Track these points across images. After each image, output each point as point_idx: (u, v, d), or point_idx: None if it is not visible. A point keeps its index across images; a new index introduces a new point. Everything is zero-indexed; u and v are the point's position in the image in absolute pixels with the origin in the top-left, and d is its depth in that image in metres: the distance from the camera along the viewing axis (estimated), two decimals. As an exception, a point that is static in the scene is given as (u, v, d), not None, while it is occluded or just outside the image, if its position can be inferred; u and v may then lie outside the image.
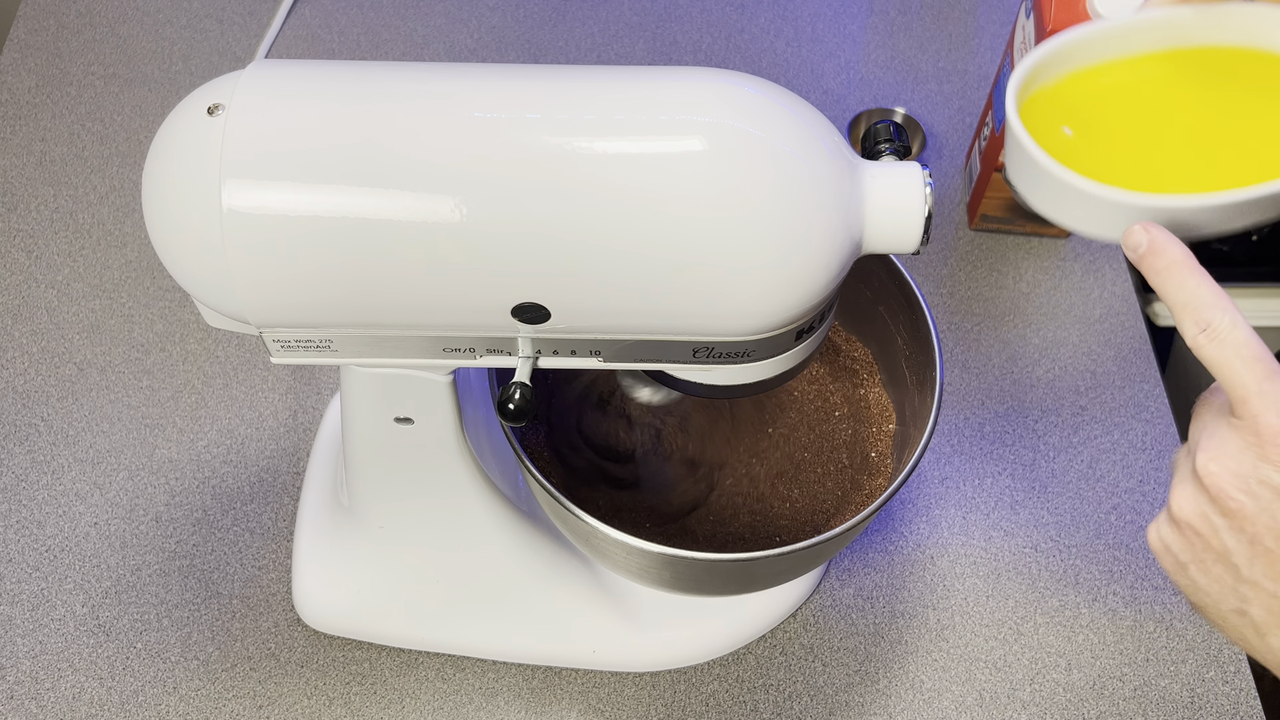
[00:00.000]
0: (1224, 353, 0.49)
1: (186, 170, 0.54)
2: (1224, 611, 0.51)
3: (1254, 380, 0.48)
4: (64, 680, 0.84)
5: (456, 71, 0.57)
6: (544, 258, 0.54)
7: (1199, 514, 0.50)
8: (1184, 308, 0.50)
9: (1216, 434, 0.50)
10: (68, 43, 1.20)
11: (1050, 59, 0.60)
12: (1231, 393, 0.49)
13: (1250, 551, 0.48)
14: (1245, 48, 0.61)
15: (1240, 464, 0.48)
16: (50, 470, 0.93)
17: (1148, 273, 0.51)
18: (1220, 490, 0.49)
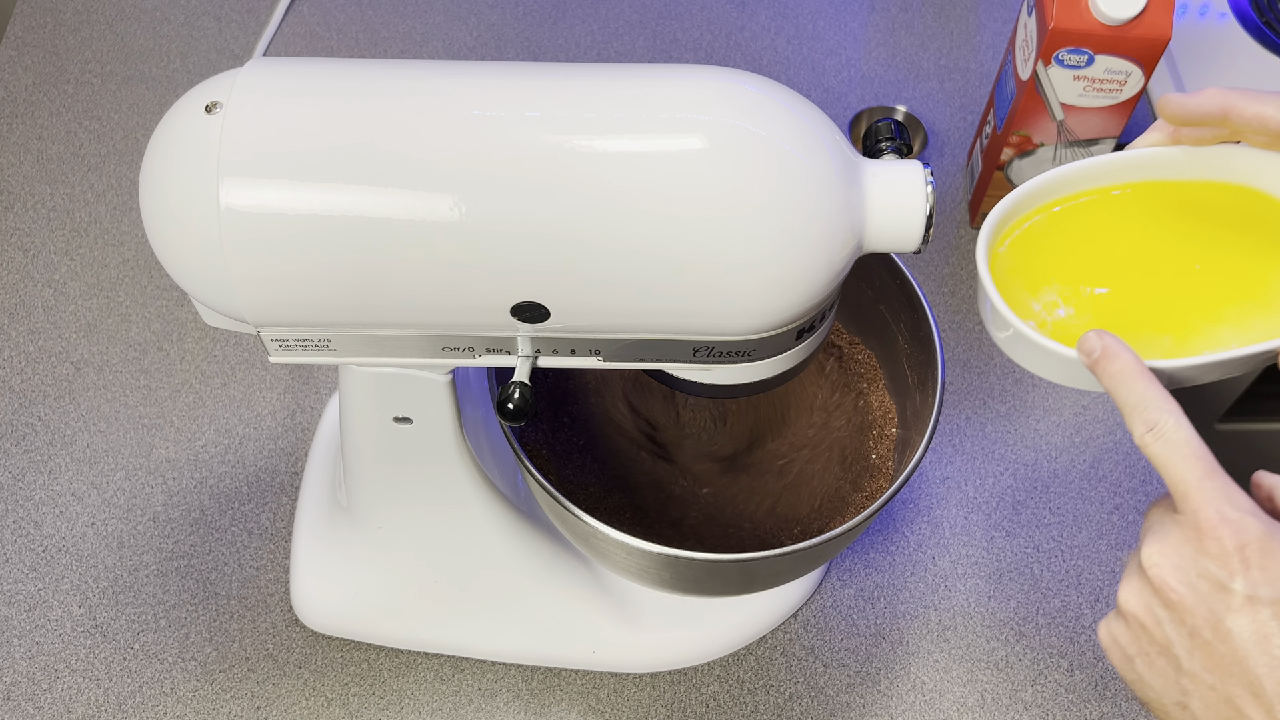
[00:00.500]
0: (1168, 451, 0.51)
1: (184, 168, 0.54)
2: (1167, 705, 0.52)
3: (1194, 477, 0.50)
4: (61, 681, 0.84)
5: (455, 69, 0.57)
6: (543, 257, 0.54)
7: (1144, 606, 0.52)
8: (1133, 409, 0.53)
9: (1161, 529, 0.52)
10: (65, 40, 1.20)
11: (1029, 197, 0.61)
12: (1174, 488, 0.51)
13: (1190, 643, 0.50)
14: (1231, 184, 0.62)
15: (1181, 557, 0.50)
16: (47, 470, 0.93)
17: (1101, 376, 0.54)
18: (1162, 582, 0.51)
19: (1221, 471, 0.51)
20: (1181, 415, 0.52)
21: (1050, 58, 0.92)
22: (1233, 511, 0.50)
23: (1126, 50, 0.91)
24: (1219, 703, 0.50)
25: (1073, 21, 0.90)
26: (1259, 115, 0.56)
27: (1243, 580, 0.49)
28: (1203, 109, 0.58)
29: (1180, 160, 0.61)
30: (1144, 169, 0.62)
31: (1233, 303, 0.60)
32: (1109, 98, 0.95)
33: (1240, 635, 0.49)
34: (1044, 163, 1.03)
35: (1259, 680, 0.48)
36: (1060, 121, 0.98)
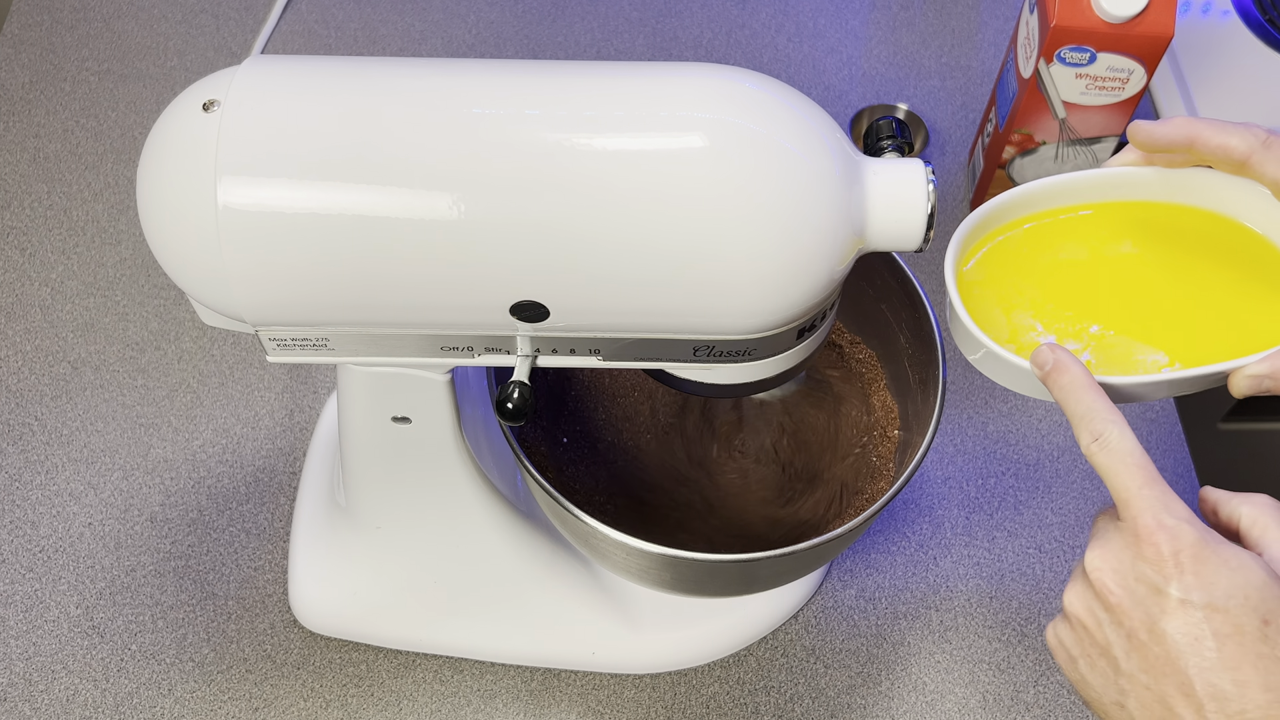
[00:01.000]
0: (1111, 460, 0.54)
1: (182, 167, 0.54)
2: (1106, 705, 0.55)
3: (1135, 485, 0.53)
4: (58, 682, 0.84)
5: (454, 67, 0.57)
6: (543, 255, 0.54)
7: (1086, 609, 0.55)
8: (1080, 420, 0.56)
9: (1104, 535, 0.54)
10: (61, 38, 1.20)
11: (996, 213, 0.63)
12: (1116, 496, 0.54)
13: (1128, 645, 0.52)
14: (1198, 208, 0.64)
15: (1120, 561, 0.53)
16: (44, 470, 0.93)
17: (1051, 388, 0.57)
18: (1103, 585, 0.53)
19: (1161, 481, 0.53)
20: (1125, 426, 0.55)
21: (1052, 55, 0.92)
22: (1169, 519, 0.52)
23: (1129, 48, 0.91)
24: (1153, 702, 0.52)
25: (1075, 19, 0.90)
26: (1223, 146, 0.59)
27: (1177, 585, 0.51)
28: (1169, 138, 0.60)
29: (1151, 181, 0.63)
30: (1114, 189, 0.63)
31: (1195, 323, 0.61)
32: (1111, 96, 0.95)
33: (1173, 637, 0.51)
34: (1046, 161, 1.03)
35: (1190, 681, 0.50)
36: (1062, 120, 0.98)
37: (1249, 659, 0.50)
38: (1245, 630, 0.50)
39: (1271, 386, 0.57)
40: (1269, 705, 0.49)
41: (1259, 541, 0.54)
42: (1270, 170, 0.58)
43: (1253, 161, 0.59)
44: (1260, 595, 0.50)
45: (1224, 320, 0.62)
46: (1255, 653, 0.50)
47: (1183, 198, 0.63)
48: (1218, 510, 0.57)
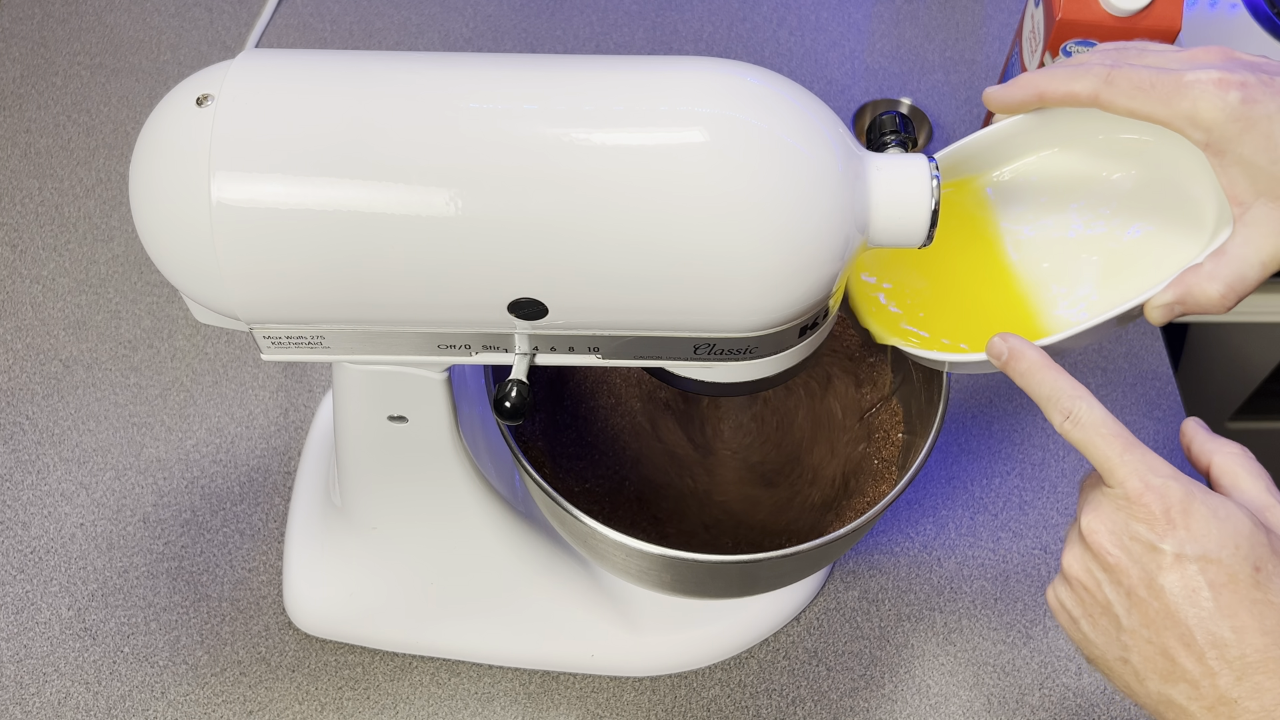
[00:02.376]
0: (1087, 434, 0.57)
1: (175, 162, 0.54)
2: (1109, 660, 0.57)
3: (1115, 453, 0.56)
4: (49, 685, 0.84)
5: (451, 61, 0.57)
6: (541, 252, 0.54)
7: (1085, 570, 0.58)
8: (1048, 401, 0.59)
9: (1095, 500, 0.57)
10: (53, 32, 1.20)
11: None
12: (1099, 465, 0.57)
13: (1128, 602, 0.55)
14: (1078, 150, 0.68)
15: (1114, 523, 0.56)
16: (35, 470, 0.93)
17: (1012, 375, 0.60)
18: (1100, 547, 0.56)
19: (1138, 444, 0.56)
20: (1093, 399, 0.58)
21: (1058, 49, 0.92)
22: (1155, 479, 0.55)
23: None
24: (1155, 655, 0.55)
25: (1081, 12, 0.90)
26: (1070, 94, 0.62)
27: (1170, 540, 0.54)
28: (1019, 98, 0.64)
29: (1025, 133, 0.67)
30: (959, 165, 0.68)
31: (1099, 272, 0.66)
32: (1118, 90, 0.95)
33: (1171, 591, 0.54)
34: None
35: (1190, 631, 0.53)
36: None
37: (1244, 605, 0.53)
38: (1239, 578, 0.53)
39: (1184, 310, 0.61)
40: (1266, 648, 0.52)
41: (1228, 490, 0.58)
42: (1120, 103, 0.61)
43: (1102, 99, 0.61)
44: (1250, 543, 0.53)
45: (1123, 262, 0.65)
46: (1249, 599, 0.53)
47: (1055, 142, 0.67)
48: (1191, 446, 0.61)
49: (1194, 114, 0.59)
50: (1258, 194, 0.59)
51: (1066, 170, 0.67)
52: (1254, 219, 0.60)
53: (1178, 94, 0.59)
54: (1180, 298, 0.61)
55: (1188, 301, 0.61)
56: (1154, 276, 0.62)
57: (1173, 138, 0.61)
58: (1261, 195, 0.59)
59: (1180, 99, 0.59)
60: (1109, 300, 0.64)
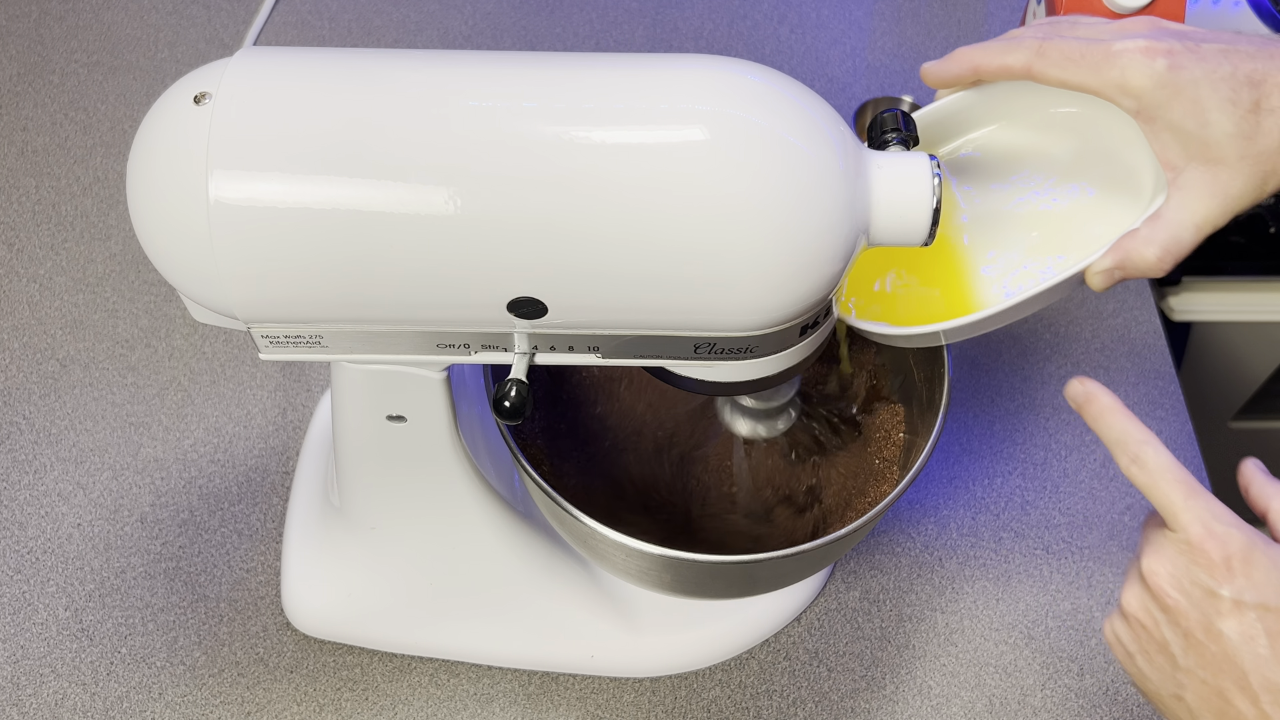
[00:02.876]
0: (1152, 478, 0.59)
1: (172, 161, 0.54)
2: (1164, 696, 0.60)
3: (1179, 498, 0.58)
4: (46, 686, 0.84)
5: (450, 59, 0.57)
6: (541, 251, 0.54)
7: (1144, 609, 0.60)
8: (1117, 444, 0.61)
9: (1157, 542, 0.59)
10: (50, 29, 1.20)
11: None
12: (1163, 509, 0.59)
13: (1185, 643, 0.57)
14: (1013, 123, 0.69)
15: (1175, 567, 0.58)
16: (32, 470, 0.93)
17: (1087, 418, 0.63)
18: (1160, 589, 0.58)
19: (1202, 490, 0.58)
20: (1159, 445, 0.60)
21: (1060, 47, 0.92)
22: (1218, 526, 0.57)
23: (1138, 39, 0.91)
24: (1211, 695, 0.57)
25: (1083, 9, 0.90)
26: (1003, 67, 0.64)
27: (1230, 587, 0.56)
28: (954, 72, 0.66)
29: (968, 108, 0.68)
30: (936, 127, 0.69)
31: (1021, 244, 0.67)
32: (1120, 88, 0.95)
33: (1229, 636, 0.56)
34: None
35: (1245, 675, 0.55)
36: (1070, 112, 0.98)
37: None
38: None
39: (1123, 275, 0.62)
40: None
41: None
42: (1052, 74, 0.62)
43: (1034, 71, 0.63)
44: None
45: (1064, 231, 0.67)
46: None
47: (997, 117, 0.69)
48: (1249, 489, 0.61)
49: (1123, 82, 0.61)
50: (1189, 158, 0.61)
51: (1007, 144, 0.69)
52: (1186, 183, 0.61)
53: (1107, 63, 0.61)
54: (1119, 262, 0.62)
55: (1126, 266, 0.62)
56: (1094, 244, 0.64)
57: (1106, 107, 0.63)
58: (1192, 159, 0.61)
59: (1109, 68, 0.61)
60: (1051, 269, 0.66)
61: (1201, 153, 0.61)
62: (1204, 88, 0.59)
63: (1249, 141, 0.60)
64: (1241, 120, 0.59)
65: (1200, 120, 0.60)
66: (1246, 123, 0.59)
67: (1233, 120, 0.59)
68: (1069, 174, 0.68)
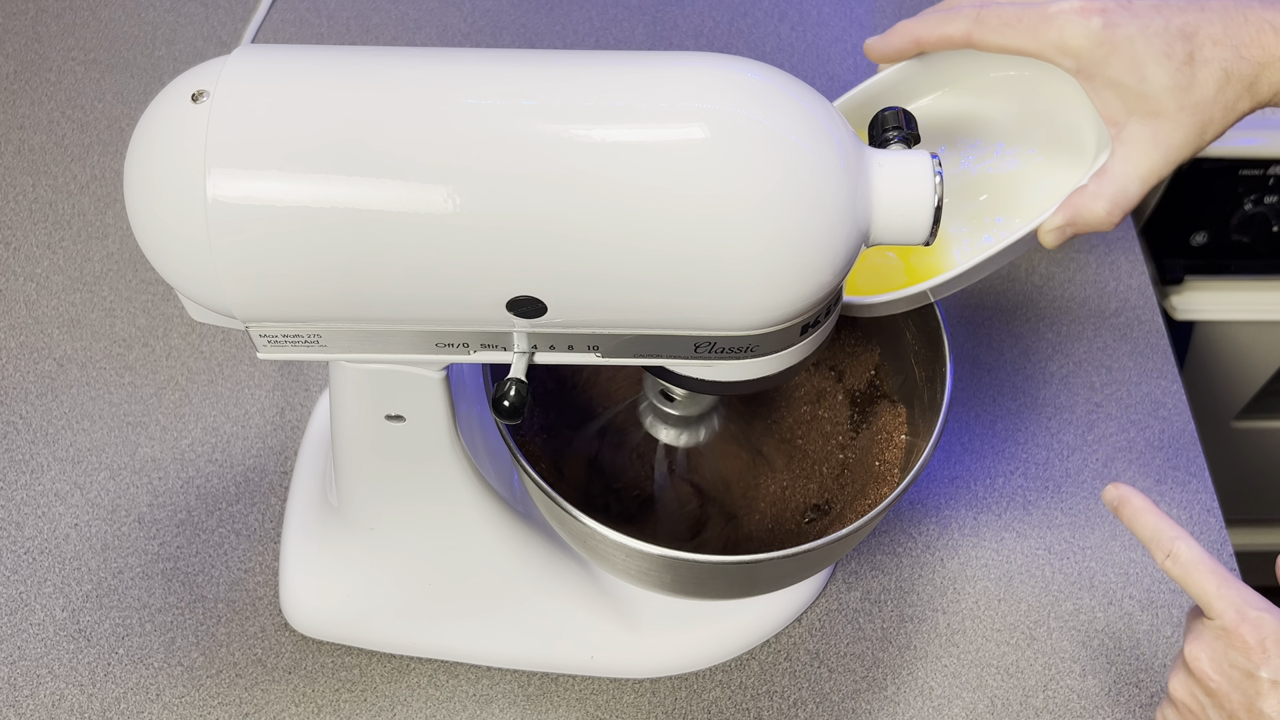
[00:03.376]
0: (1186, 570, 0.65)
1: (170, 159, 0.54)
2: None
3: (1212, 587, 0.64)
4: (43, 687, 0.84)
5: (449, 57, 0.57)
6: (540, 250, 0.54)
7: (1189, 694, 0.65)
8: (1151, 541, 0.67)
9: (1197, 630, 0.65)
10: (47, 27, 1.20)
11: None
12: (1198, 598, 0.65)
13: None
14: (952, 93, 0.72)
15: (1215, 652, 0.64)
16: (29, 469, 0.93)
17: (1123, 519, 0.69)
18: (1203, 674, 0.64)
19: (1233, 579, 0.64)
20: (1190, 540, 0.66)
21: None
22: (1251, 611, 0.62)
23: (1141, 37, 0.91)
24: None
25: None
26: (944, 37, 0.66)
27: (1267, 669, 0.61)
28: (897, 46, 0.68)
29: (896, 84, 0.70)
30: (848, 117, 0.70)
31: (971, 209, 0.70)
32: (1122, 86, 0.95)
33: (1269, 714, 0.61)
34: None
35: None
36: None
37: None
38: None
39: (1074, 230, 0.64)
40: None
41: None
42: (991, 40, 0.65)
43: (974, 38, 0.65)
44: None
45: (1013, 194, 0.69)
46: None
47: (938, 85, 0.71)
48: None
49: (1061, 42, 0.63)
50: (1130, 113, 0.63)
51: (950, 111, 0.71)
52: (1129, 137, 0.63)
53: (1044, 25, 0.63)
54: (1070, 219, 0.64)
55: (1077, 222, 0.64)
56: (1043, 203, 0.66)
57: (1045, 69, 0.65)
58: (1133, 114, 0.63)
59: (1047, 30, 0.63)
60: (1003, 231, 0.68)
61: (1141, 106, 0.63)
62: (1139, 43, 0.61)
63: (1185, 93, 0.62)
64: (1177, 73, 0.61)
65: (1138, 75, 0.62)
66: (1182, 75, 0.61)
67: (1169, 73, 0.61)
68: (1013, 137, 0.69)
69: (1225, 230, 1.19)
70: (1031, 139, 0.69)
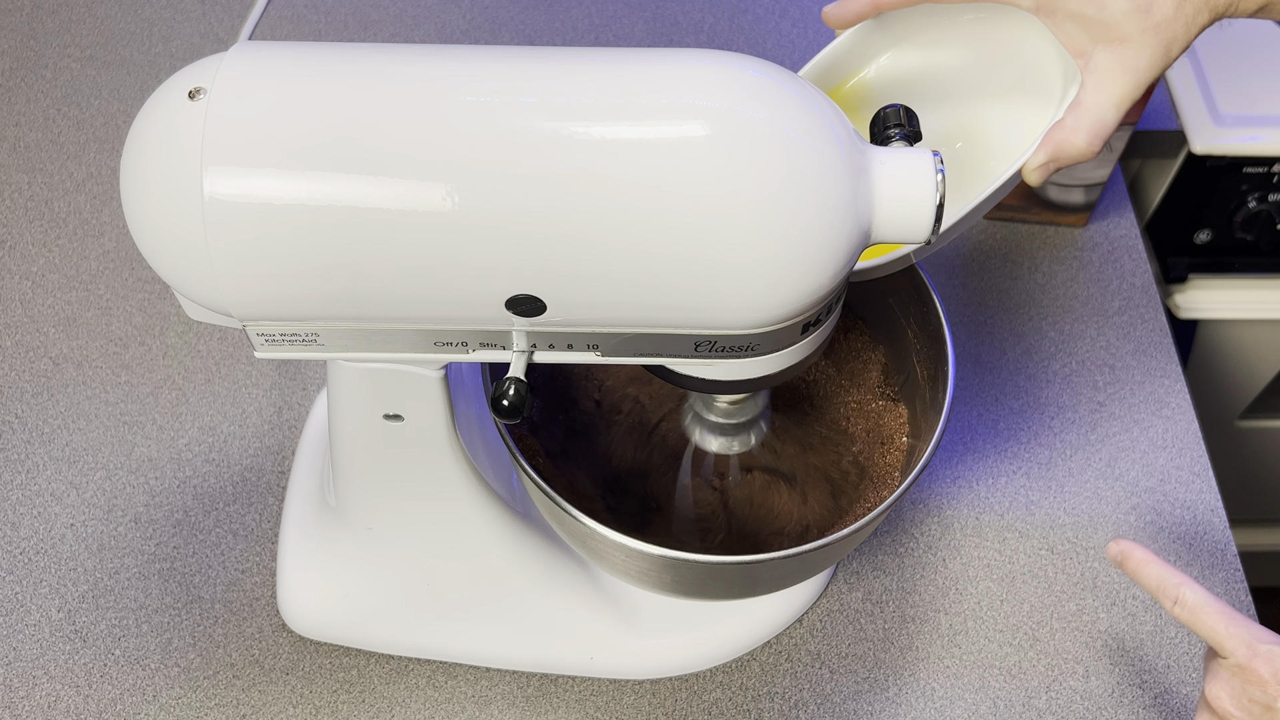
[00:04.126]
0: (1194, 614, 0.70)
1: (166, 157, 0.54)
2: None
3: (1222, 628, 0.68)
4: (39, 688, 0.84)
5: (448, 54, 0.57)
6: (539, 248, 0.54)
7: None
8: (1158, 590, 0.72)
9: (1214, 670, 0.70)
10: (43, 23, 1.20)
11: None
12: (1209, 640, 0.69)
13: None
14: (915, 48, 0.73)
15: (1232, 689, 0.68)
16: (25, 469, 0.93)
17: (1128, 572, 0.75)
18: (1225, 712, 0.68)
19: (1240, 618, 0.68)
20: (1194, 585, 0.71)
21: (1065, 41, 0.92)
22: (1261, 646, 0.66)
23: (1144, 33, 0.90)
24: None
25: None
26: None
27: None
28: (856, 10, 0.70)
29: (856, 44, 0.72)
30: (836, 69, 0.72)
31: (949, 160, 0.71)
32: (1126, 83, 0.95)
33: None
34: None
35: None
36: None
37: None
38: None
39: (1056, 165, 0.66)
40: None
41: None
42: None
43: None
44: None
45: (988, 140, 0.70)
46: None
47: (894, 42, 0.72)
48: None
49: None
50: (1095, 42, 0.65)
51: (916, 66, 0.72)
52: (1098, 66, 0.65)
53: None
54: (1052, 155, 0.65)
55: (1059, 156, 0.65)
56: (1020, 145, 0.67)
57: (1003, 12, 0.66)
58: (1098, 43, 0.65)
59: None
60: (984, 178, 0.68)
61: (1105, 34, 0.64)
62: None
63: (1145, 15, 0.63)
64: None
65: (1098, 4, 0.64)
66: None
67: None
68: (978, 83, 0.71)
69: (1230, 228, 1.19)
70: (997, 84, 0.70)
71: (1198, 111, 1.12)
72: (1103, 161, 1.04)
